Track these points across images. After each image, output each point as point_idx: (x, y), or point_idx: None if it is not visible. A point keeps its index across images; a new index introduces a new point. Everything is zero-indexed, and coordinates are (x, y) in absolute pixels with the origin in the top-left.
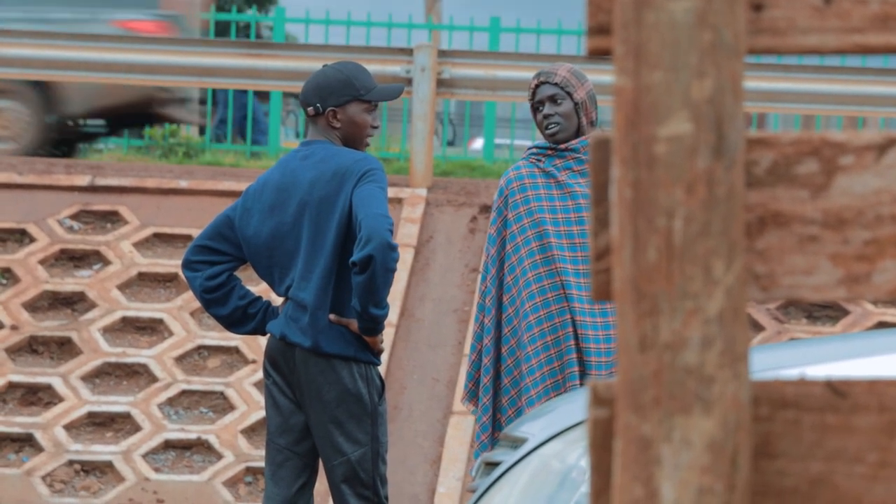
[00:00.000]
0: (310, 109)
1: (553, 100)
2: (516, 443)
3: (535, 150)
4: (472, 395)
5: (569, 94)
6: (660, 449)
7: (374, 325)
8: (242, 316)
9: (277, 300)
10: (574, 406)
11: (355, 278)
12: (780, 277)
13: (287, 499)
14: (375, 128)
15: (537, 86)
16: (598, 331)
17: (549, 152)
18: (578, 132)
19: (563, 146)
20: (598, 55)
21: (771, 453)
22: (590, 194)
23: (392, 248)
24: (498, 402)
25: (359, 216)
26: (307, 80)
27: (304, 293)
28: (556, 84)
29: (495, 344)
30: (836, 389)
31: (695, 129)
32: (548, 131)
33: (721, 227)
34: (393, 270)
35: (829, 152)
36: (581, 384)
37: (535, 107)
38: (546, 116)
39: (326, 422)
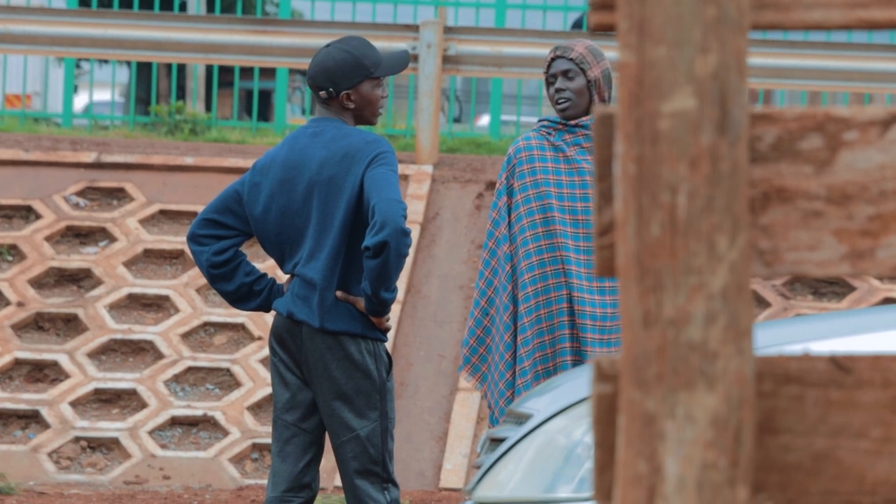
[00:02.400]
0: (322, 93)
1: (566, 75)
2: (521, 419)
3: (546, 123)
4: (476, 368)
5: (583, 70)
6: (663, 424)
7: (381, 308)
8: (248, 292)
9: (282, 278)
10: (579, 382)
11: (368, 262)
12: (784, 253)
13: (293, 475)
14: (384, 97)
15: (553, 59)
16: (596, 308)
17: (560, 127)
18: (589, 110)
19: (573, 122)
20: (602, 30)
21: (774, 429)
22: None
23: (405, 234)
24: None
25: (372, 200)
26: (314, 62)
27: (312, 272)
28: (571, 59)
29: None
30: (840, 365)
31: (699, 104)
32: (558, 106)
33: (725, 203)
34: (405, 255)
35: (833, 128)
36: (573, 362)
37: (549, 80)
38: (558, 91)
39: (335, 398)
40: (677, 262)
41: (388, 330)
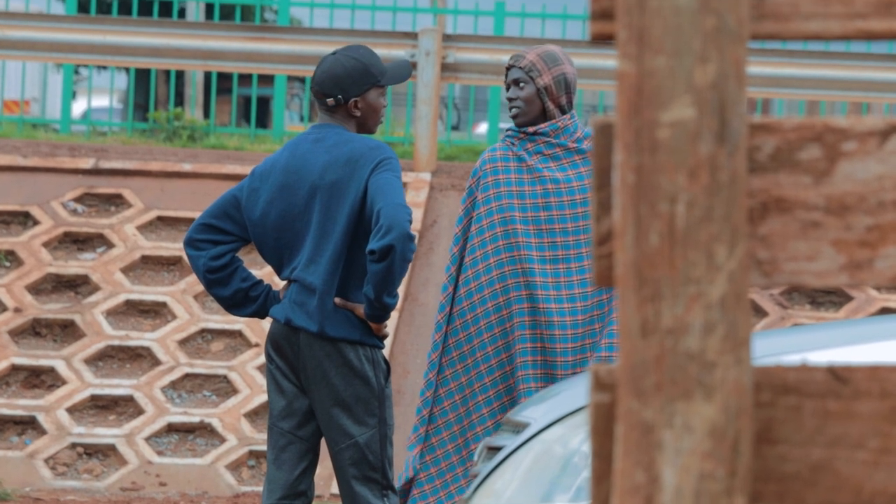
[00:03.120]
0: (330, 101)
1: (517, 83)
2: (518, 427)
3: (509, 133)
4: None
5: (531, 78)
6: (661, 434)
7: (382, 313)
8: (244, 298)
9: (279, 285)
10: (576, 391)
11: (372, 266)
12: (783, 263)
13: (289, 483)
14: (385, 106)
15: (508, 68)
16: (565, 317)
17: (522, 136)
18: (544, 117)
19: (531, 130)
20: (602, 40)
21: (772, 439)
22: (585, 179)
23: (411, 239)
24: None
25: (377, 205)
26: (321, 70)
27: (313, 276)
28: (520, 68)
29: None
30: (838, 375)
31: (698, 114)
32: (510, 114)
33: (723, 213)
34: (409, 261)
35: (831, 138)
36: (542, 376)
37: (506, 88)
38: (509, 99)
39: (333, 405)
40: (676, 271)
41: (385, 337)
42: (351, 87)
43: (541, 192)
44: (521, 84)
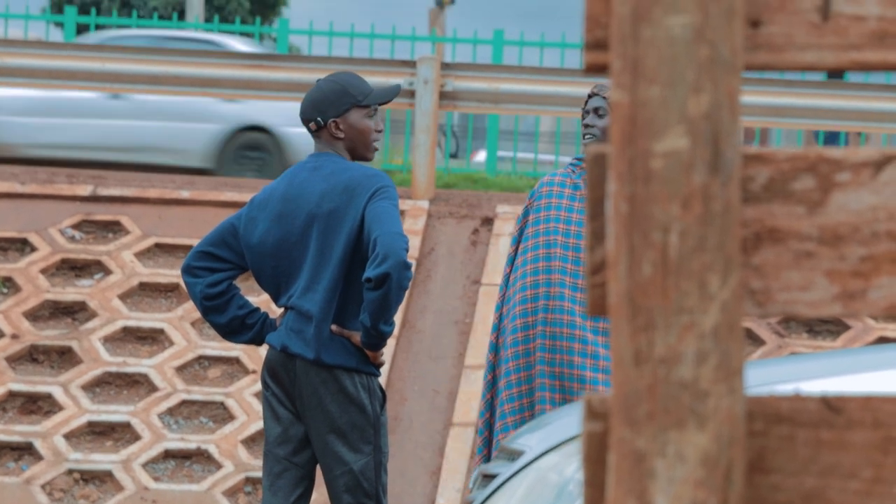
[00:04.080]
0: (311, 125)
1: (597, 112)
2: (513, 455)
3: (574, 162)
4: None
5: None
6: (654, 463)
7: (379, 341)
8: (240, 326)
9: (276, 312)
10: (571, 419)
11: (368, 294)
12: (776, 293)
13: None
14: (379, 132)
15: (590, 96)
16: (587, 346)
17: (584, 165)
18: None
19: None
20: (596, 70)
21: (765, 468)
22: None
23: (407, 267)
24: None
25: (374, 233)
26: (304, 97)
27: (309, 304)
28: (605, 98)
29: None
30: (831, 405)
31: (691, 144)
32: (584, 140)
33: (717, 243)
34: (406, 289)
35: (825, 168)
36: (559, 399)
37: (583, 116)
38: (586, 126)
39: (329, 432)
40: (669, 301)
41: (381, 365)
42: (328, 109)
43: None
44: (602, 113)
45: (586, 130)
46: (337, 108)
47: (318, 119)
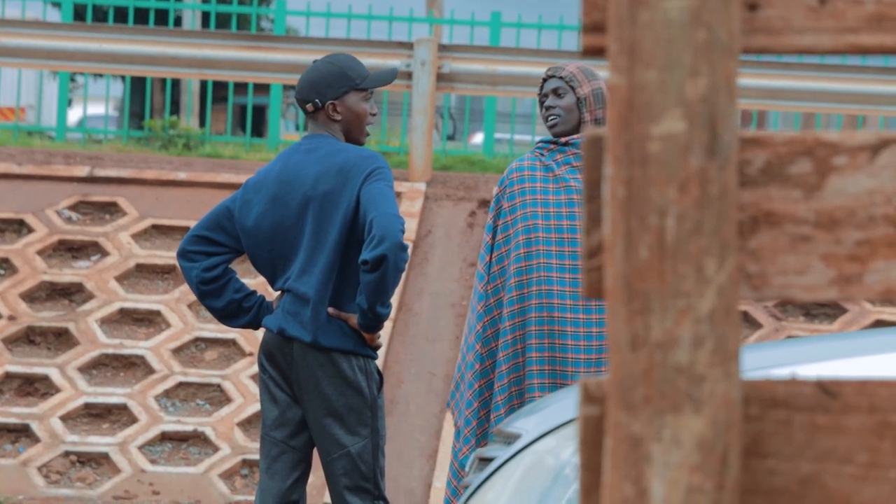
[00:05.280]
0: (308, 106)
1: (556, 92)
2: (510, 439)
3: (540, 144)
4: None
5: (572, 88)
6: (650, 447)
7: (376, 324)
8: (237, 309)
9: (272, 296)
10: (568, 402)
11: (365, 276)
12: (772, 277)
13: (281, 492)
14: (374, 115)
15: (545, 79)
16: (579, 327)
17: (552, 147)
18: (579, 128)
19: (563, 140)
20: (593, 53)
21: (761, 453)
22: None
23: (403, 249)
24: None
25: (370, 214)
26: (300, 78)
27: (306, 286)
28: (561, 77)
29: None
30: (827, 389)
31: (688, 127)
32: (547, 123)
33: (713, 226)
34: (402, 270)
35: (822, 152)
36: (549, 384)
37: (541, 100)
38: (548, 108)
39: (326, 415)
40: (665, 285)
41: (378, 347)
42: (326, 91)
43: (565, 200)
44: (561, 93)
45: (548, 113)
46: (335, 90)
47: (316, 100)
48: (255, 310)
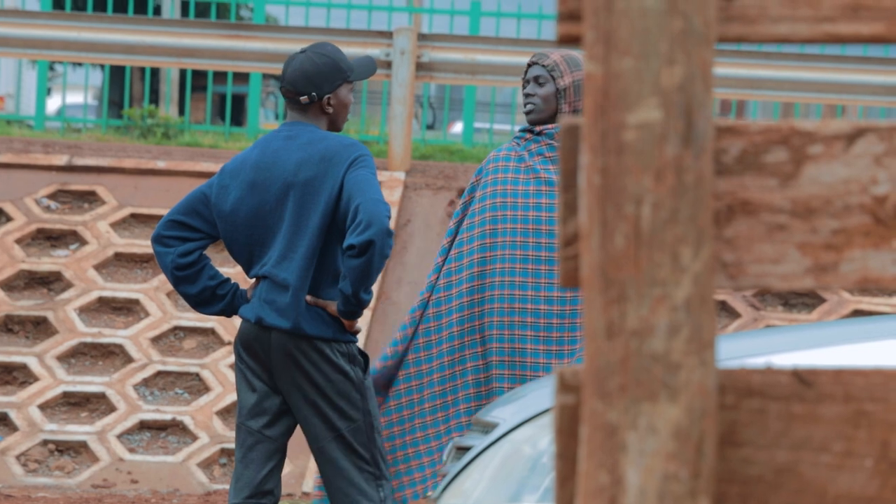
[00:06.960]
0: (303, 98)
1: (537, 80)
2: (487, 427)
3: (519, 134)
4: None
5: (553, 78)
6: (625, 436)
7: (357, 309)
8: (211, 296)
9: (247, 284)
10: (545, 391)
11: (350, 262)
12: (748, 266)
13: (256, 481)
14: (352, 102)
15: (529, 65)
16: (539, 318)
17: (528, 136)
18: (556, 118)
19: (538, 129)
20: (569, 41)
21: (736, 441)
22: (557, 180)
23: (390, 235)
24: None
25: (355, 200)
26: (292, 68)
27: (286, 273)
28: (544, 66)
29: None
30: (803, 378)
31: (664, 116)
32: (524, 110)
33: (689, 215)
34: (387, 256)
35: (798, 141)
36: (508, 375)
37: (524, 85)
38: (526, 95)
39: (315, 402)
40: (641, 273)
41: (357, 333)
42: (324, 84)
43: (534, 192)
44: (542, 81)
45: (527, 100)
46: (332, 83)
47: (313, 94)
48: (228, 297)
